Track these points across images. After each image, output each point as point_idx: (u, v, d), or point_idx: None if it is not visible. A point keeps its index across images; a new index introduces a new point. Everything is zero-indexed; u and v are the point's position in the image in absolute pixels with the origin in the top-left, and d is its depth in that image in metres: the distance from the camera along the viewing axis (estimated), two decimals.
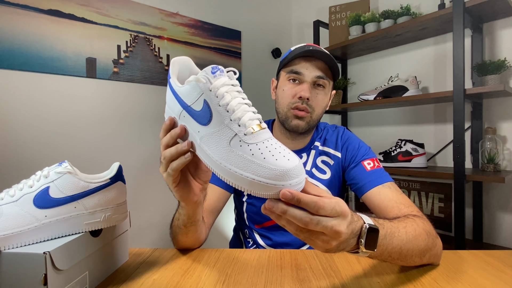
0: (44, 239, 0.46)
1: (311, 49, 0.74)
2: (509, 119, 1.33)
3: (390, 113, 1.76)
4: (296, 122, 0.78)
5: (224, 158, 0.39)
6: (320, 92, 0.79)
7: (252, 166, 0.37)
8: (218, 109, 0.40)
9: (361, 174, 0.77)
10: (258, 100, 2.11)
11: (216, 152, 0.40)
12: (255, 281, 0.53)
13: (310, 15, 2.18)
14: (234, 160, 0.38)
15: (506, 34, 1.33)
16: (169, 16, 1.70)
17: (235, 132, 0.39)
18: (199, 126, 0.42)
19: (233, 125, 0.39)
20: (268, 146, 0.38)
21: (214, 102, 0.40)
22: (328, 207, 0.37)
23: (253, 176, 0.37)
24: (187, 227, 0.61)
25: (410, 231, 0.52)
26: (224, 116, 0.40)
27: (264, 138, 0.39)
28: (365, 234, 0.42)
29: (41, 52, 1.31)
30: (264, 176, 0.36)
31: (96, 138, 1.46)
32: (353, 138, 0.85)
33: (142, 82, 1.61)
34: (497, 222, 1.35)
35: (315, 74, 0.76)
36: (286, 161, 0.37)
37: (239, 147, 0.38)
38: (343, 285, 0.51)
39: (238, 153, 0.38)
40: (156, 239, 1.64)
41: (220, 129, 0.40)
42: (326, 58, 0.76)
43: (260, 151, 0.38)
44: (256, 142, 0.38)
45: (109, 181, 0.52)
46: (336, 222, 0.38)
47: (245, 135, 0.39)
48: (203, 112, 0.41)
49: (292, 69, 0.78)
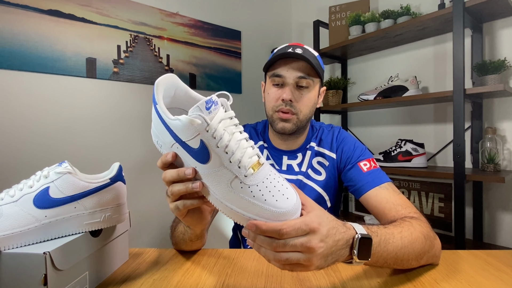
0: (44, 239, 0.46)
1: (291, 51, 0.74)
2: (509, 119, 1.33)
3: (390, 113, 1.76)
4: (282, 125, 0.78)
5: (226, 198, 0.39)
6: (305, 92, 0.78)
7: (254, 208, 0.38)
8: (217, 150, 0.39)
9: (357, 175, 0.76)
10: (258, 100, 2.11)
11: (217, 191, 0.40)
12: (255, 281, 0.53)
13: (310, 15, 2.18)
14: (236, 201, 0.39)
15: (506, 34, 1.33)
16: (169, 16, 1.70)
17: (236, 175, 0.39)
18: (196, 163, 0.40)
19: (233, 167, 0.39)
20: (268, 185, 0.39)
21: (212, 143, 0.39)
22: (293, 231, 0.38)
23: (254, 217, 0.38)
24: (192, 241, 0.62)
25: (406, 236, 0.52)
26: (223, 157, 0.39)
27: (264, 177, 0.39)
28: (357, 244, 0.42)
29: (41, 52, 1.31)
30: (265, 217, 0.38)
31: (96, 138, 1.46)
32: (348, 139, 0.84)
33: (142, 82, 1.61)
34: (497, 222, 1.35)
35: (295, 75, 0.75)
36: (285, 200, 0.39)
37: (240, 189, 0.39)
38: (343, 285, 0.51)
39: (240, 195, 0.39)
40: (156, 239, 1.64)
41: (219, 169, 0.39)
42: (306, 58, 0.74)
43: (261, 192, 0.38)
44: (256, 183, 0.39)
45: (109, 181, 0.52)
46: (306, 239, 0.38)
47: (245, 176, 0.39)
48: (201, 151, 0.39)
49: (274, 73, 0.77)
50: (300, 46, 0.77)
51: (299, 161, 0.84)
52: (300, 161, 0.84)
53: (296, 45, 0.77)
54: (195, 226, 0.53)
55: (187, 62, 1.77)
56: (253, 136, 0.89)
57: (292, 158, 0.85)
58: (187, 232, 0.60)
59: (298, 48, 0.75)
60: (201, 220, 0.52)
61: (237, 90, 2.02)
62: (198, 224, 0.52)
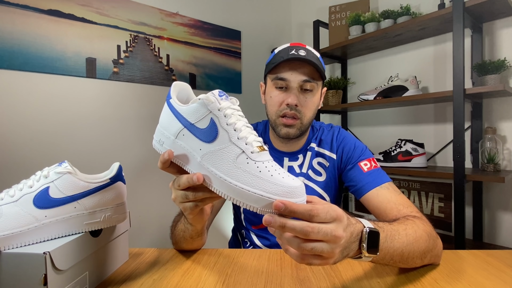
0: (44, 239, 0.46)
1: (295, 53, 0.72)
2: (509, 119, 1.33)
3: (390, 113, 1.76)
4: (286, 131, 0.77)
5: (230, 174, 0.39)
6: (309, 96, 0.76)
7: (261, 183, 0.38)
8: (226, 127, 0.41)
9: (358, 175, 0.76)
10: (258, 100, 2.11)
11: (221, 169, 0.40)
12: (255, 281, 0.53)
13: (310, 15, 2.18)
14: (241, 177, 0.39)
15: (506, 34, 1.33)
16: (169, 16, 1.70)
17: (242, 150, 0.40)
18: (201, 144, 0.42)
19: (241, 143, 0.41)
20: (273, 165, 0.40)
21: (222, 121, 0.41)
22: (322, 213, 0.37)
23: (261, 192, 0.37)
24: (193, 239, 0.62)
25: (410, 233, 0.52)
26: (231, 134, 0.41)
27: (267, 159, 0.41)
28: (366, 238, 0.42)
29: (41, 52, 1.31)
30: (273, 193, 0.37)
31: (96, 138, 1.46)
32: (348, 138, 0.84)
33: (142, 82, 1.61)
34: (497, 221, 1.35)
35: (300, 78, 0.74)
36: (292, 180, 0.38)
37: (246, 164, 0.39)
38: (343, 285, 0.51)
39: (246, 169, 0.39)
40: (156, 239, 1.64)
41: (226, 146, 0.41)
42: (311, 61, 0.72)
43: (267, 169, 0.39)
44: (262, 160, 0.40)
45: (109, 181, 0.52)
46: (333, 227, 0.37)
47: (252, 153, 0.40)
48: (209, 130, 0.42)
49: (277, 76, 0.75)
50: (303, 47, 0.75)
51: (300, 163, 0.84)
52: (301, 162, 0.84)
53: (299, 45, 0.75)
54: (197, 222, 0.55)
55: (187, 62, 1.77)
56: None
57: (293, 160, 0.84)
58: (188, 229, 0.60)
59: (301, 50, 0.73)
60: (203, 213, 0.54)
61: (237, 90, 2.02)
62: (201, 218, 0.54)
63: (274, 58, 0.77)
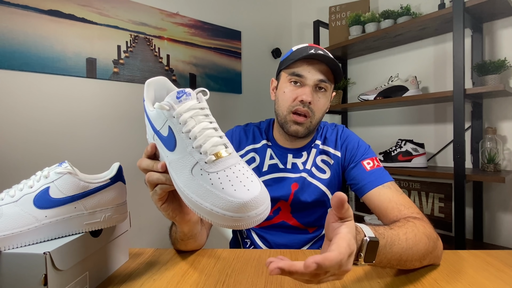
0: (44, 239, 0.46)
1: (314, 52, 0.73)
2: (509, 119, 1.33)
3: (390, 113, 1.76)
4: (295, 128, 0.77)
5: (187, 185, 0.39)
6: (321, 96, 0.77)
7: (211, 196, 0.36)
8: (181, 136, 0.40)
9: (361, 174, 0.76)
10: (258, 100, 2.11)
11: (180, 179, 0.40)
12: (255, 281, 0.53)
13: (310, 15, 2.18)
14: (195, 189, 0.38)
15: (506, 34, 1.33)
16: (169, 16, 1.70)
17: (196, 160, 0.38)
18: (167, 151, 0.42)
19: (195, 153, 0.39)
20: (229, 175, 0.37)
21: (177, 129, 0.40)
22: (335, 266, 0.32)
23: (211, 207, 0.36)
24: (184, 241, 0.62)
25: (410, 237, 0.51)
26: (186, 143, 0.39)
27: (226, 166, 0.38)
28: (365, 248, 0.42)
29: (41, 52, 1.31)
30: (222, 208, 0.35)
31: (96, 138, 1.46)
32: (352, 137, 0.85)
33: (142, 82, 1.61)
34: (497, 222, 1.35)
35: (317, 77, 0.74)
36: (246, 191, 0.36)
37: (200, 176, 0.38)
38: (343, 285, 0.51)
39: (199, 182, 0.38)
40: (156, 239, 1.64)
41: (184, 156, 0.40)
42: (329, 62, 0.74)
43: (220, 180, 0.37)
44: (216, 170, 0.37)
45: (109, 181, 0.52)
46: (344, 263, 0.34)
47: (205, 163, 0.38)
48: (169, 138, 0.41)
49: (294, 71, 0.75)
50: (321, 48, 0.76)
51: (304, 160, 0.84)
52: (305, 159, 0.84)
53: (317, 46, 0.76)
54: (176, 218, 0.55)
55: (187, 62, 1.77)
56: (256, 135, 0.88)
57: (297, 157, 0.84)
58: (177, 232, 0.61)
59: (320, 50, 0.74)
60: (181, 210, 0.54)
61: (237, 90, 2.02)
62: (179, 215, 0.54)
63: (292, 55, 0.77)
